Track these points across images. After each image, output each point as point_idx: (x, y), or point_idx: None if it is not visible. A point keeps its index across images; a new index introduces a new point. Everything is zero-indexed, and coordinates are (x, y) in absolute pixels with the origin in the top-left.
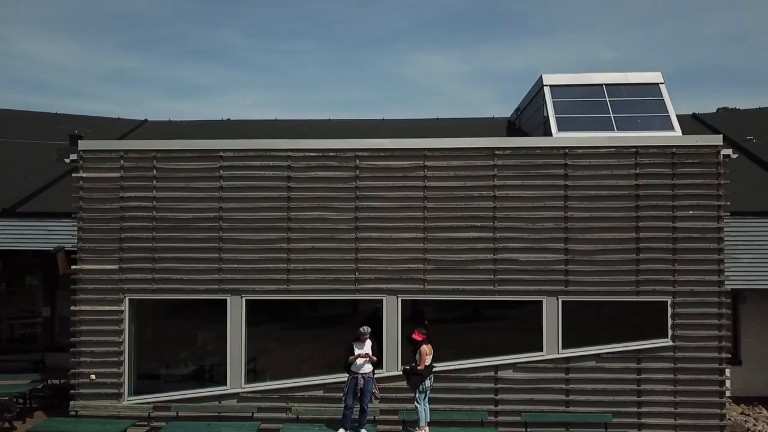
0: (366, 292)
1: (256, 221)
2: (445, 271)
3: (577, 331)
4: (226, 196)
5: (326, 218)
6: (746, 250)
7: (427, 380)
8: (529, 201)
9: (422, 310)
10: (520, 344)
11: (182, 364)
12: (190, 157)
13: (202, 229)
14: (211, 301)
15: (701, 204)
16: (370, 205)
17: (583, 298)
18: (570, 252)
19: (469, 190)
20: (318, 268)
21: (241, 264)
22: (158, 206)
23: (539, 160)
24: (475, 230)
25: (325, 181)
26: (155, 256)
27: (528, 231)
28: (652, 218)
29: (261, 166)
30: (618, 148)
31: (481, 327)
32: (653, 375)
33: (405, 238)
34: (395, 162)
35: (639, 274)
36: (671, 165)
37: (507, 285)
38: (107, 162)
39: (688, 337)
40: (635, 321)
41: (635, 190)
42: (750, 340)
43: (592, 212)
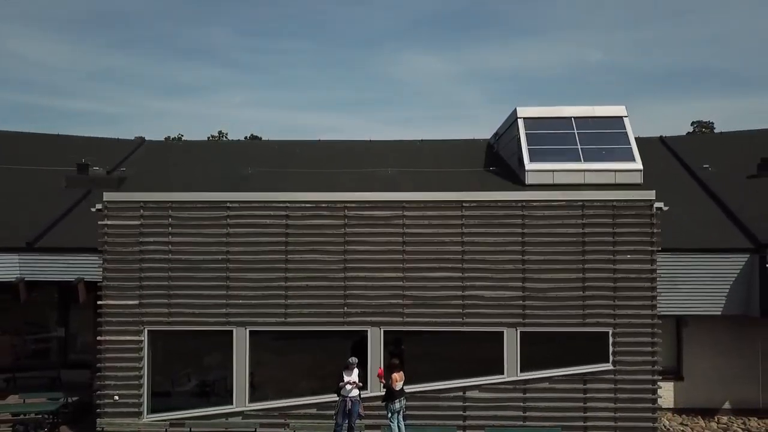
0: (353, 324)
1: (258, 263)
2: (421, 305)
3: (532, 357)
4: (232, 240)
5: (319, 260)
6: (686, 281)
7: (397, 402)
8: (492, 246)
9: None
10: (485, 368)
11: (194, 385)
12: (200, 207)
13: (211, 269)
14: (219, 332)
15: (637, 249)
16: (357, 248)
17: (537, 329)
18: (527, 289)
19: (441, 236)
20: (312, 303)
21: (246, 300)
22: (173, 249)
23: (500, 211)
24: (447, 270)
25: (318, 228)
26: (170, 293)
27: (491, 271)
28: (596, 261)
29: (262, 215)
30: (567, 202)
31: (452, 354)
32: (597, 394)
33: (387, 277)
34: (378, 212)
35: (585, 308)
36: (612, 216)
37: (473, 318)
38: (129, 211)
39: (626, 361)
40: (582, 348)
41: (582, 237)
42: (691, 359)
43: (545, 256)
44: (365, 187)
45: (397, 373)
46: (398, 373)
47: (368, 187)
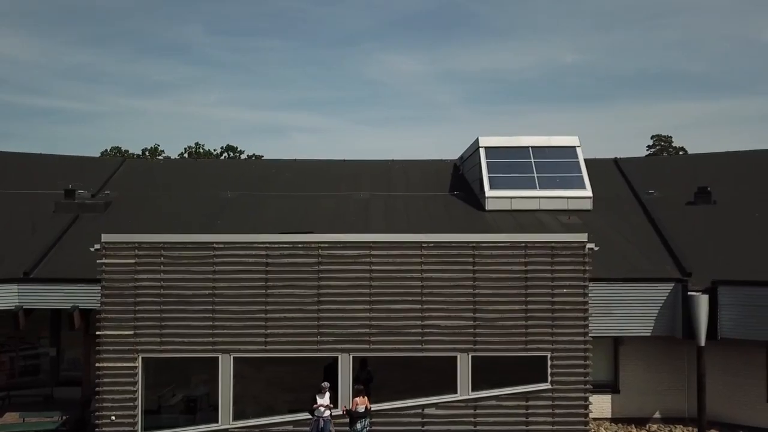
0: (325, 351)
1: (241, 296)
2: (385, 334)
3: (482, 378)
4: (218, 277)
5: (295, 294)
6: (620, 307)
7: (358, 423)
8: (447, 281)
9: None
10: (441, 388)
11: (183, 405)
12: (190, 247)
13: (199, 303)
14: (206, 358)
15: (572, 283)
16: (329, 283)
17: (486, 353)
18: (477, 319)
19: (403, 272)
20: (289, 333)
21: (230, 330)
22: (165, 285)
23: (454, 251)
24: (408, 303)
25: (294, 265)
26: (162, 323)
27: (446, 303)
28: (537, 294)
29: (245, 254)
30: (512, 243)
31: (412, 375)
32: (537, 410)
33: (355, 309)
34: (348, 251)
35: (527, 335)
36: (551, 255)
37: (431, 344)
38: (125, 251)
39: (562, 381)
40: (524, 370)
41: (525, 273)
42: (626, 374)
43: (493, 290)
44: (340, 211)
45: (359, 398)
46: (360, 398)
47: (343, 210)
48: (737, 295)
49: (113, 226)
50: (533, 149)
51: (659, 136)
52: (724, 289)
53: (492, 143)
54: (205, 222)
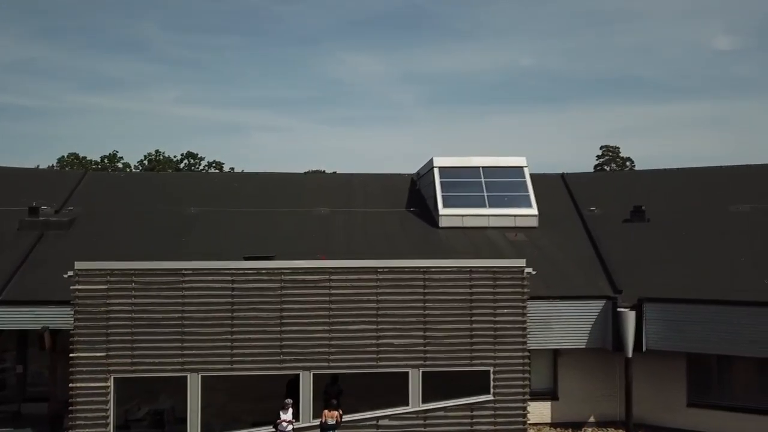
0: (288, 369)
1: (209, 319)
2: (343, 352)
3: (431, 391)
4: (186, 301)
5: (259, 316)
6: (559, 322)
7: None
8: (400, 303)
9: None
10: (394, 401)
11: (154, 420)
12: (159, 274)
13: (168, 326)
14: (176, 377)
15: (512, 304)
16: (291, 306)
17: (435, 369)
18: (427, 337)
19: (360, 295)
20: (253, 353)
21: (198, 350)
22: (135, 309)
23: (406, 275)
24: (364, 323)
25: (258, 290)
26: (134, 346)
27: (399, 323)
28: (481, 314)
29: (212, 280)
30: (458, 268)
31: (368, 390)
32: (481, 419)
33: (316, 330)
34: (309, 276)
35: (472, 351)
36: (493, 279)
37: (385, 361)
38: (97, 277)
39: (503, 392)
40: (469, 383)
41: (470, 295)
42: (564, 382)
43: (441, 310)
44: (301, 228)
45: (328, 410)
46: (329, 410)
47: (304, 228)
48: (660, 311)
49: (79, 245)
50: (484, 169)
51: (607, 146)
52: (649, 305)
53: (446, 163)
54: (170, 240)
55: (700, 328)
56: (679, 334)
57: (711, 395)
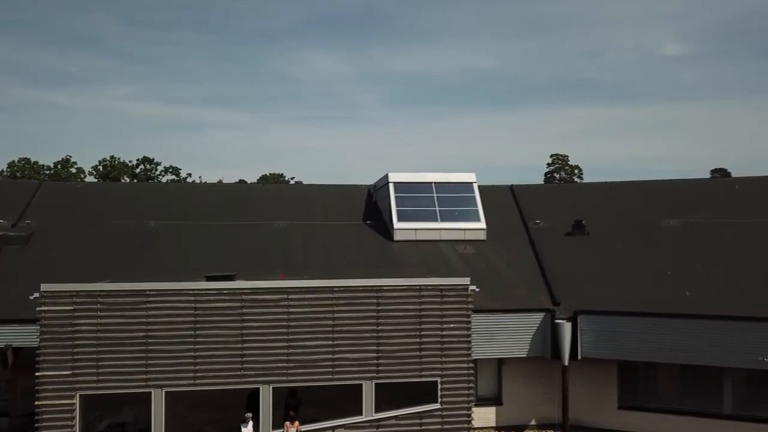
0: (248, 383)
1: (172, 337)
2: (301, 366)
3: (384, 401)
4: (150, 320)
5: (221, 333)
6: (502, 333)
7: None
8: (354, 318)
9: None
10: (349, 411)
11: None
12: (124, 295)
13: (133, 344)
14: (140, 393)
15: (458, 319)
16: (251, 324)
17: (387, 380)
18: (380, 351)
19: (317, 313)
20: (215, 368)
21: (162, 367)
22: (101, 329)
23: (361, 293)
24: (320, 339)
25: (220, 309)
26: (99, 364)
27: (353, 338)
28: (429, 329)
29: (175, 299)
30: (409, 287)
31: (325, 401)
32: (430, 427)
33: (275, 346)
34: (268, 296)
35: (421, 364)
36: (440, 296)
37: (340, 374)
38: (63, 299)
39: (450, 401)
40: (419, 393)
41: (419, 311)
42: (508, 388)
43: (393, 326)
44: (261, 243)
45: (288, 422)
46: (289, 422)
47: (264, 242)
48: (593, 322)
49: (39, 261)
50: (436, 184)
51: (557, 155)
52: (584, 317)
53: (400, 179)
54: (130, 255)
55: (629, 337)
56: (611, 343)
57: (639, 398)
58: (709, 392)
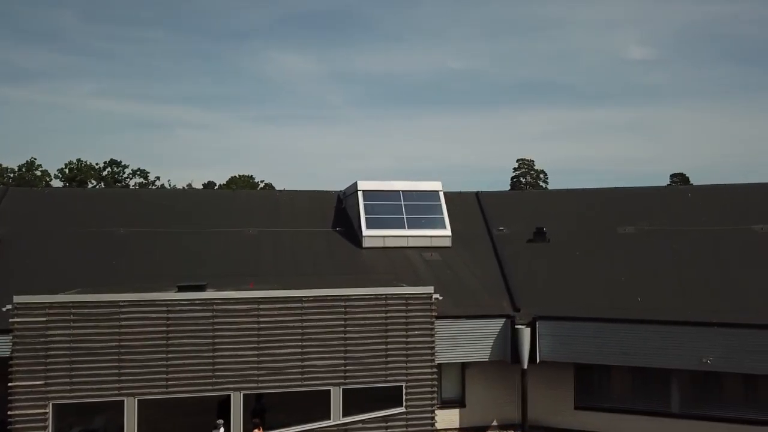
0: (220, 390)
1: (145, 347)
2: (271, 373)
3: (351, 406)
4: (123, 330)
5: (193, 342)
6: (465, 338)
7: None
8: (323, 327)
9: (258, 403)
10: (317, 416)
11: None
12: (97, 306)
13: (106, 354)
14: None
15: (422, 327)
16: (223, 333)
17: (355, 386)
18: (347, 358)
19: (287, 322)
20: (188, 376)
21: (135, 376)
22: (74, 339)
23: (329, 303)
24: (290, 347)
25: (192, 319)
26: (72, 374)
27: (322, 345)
28: (395, 336)
29: (148, 310)
30: (375, 296)
31: (294, 407)
32: (395, 429)
33: (245, 354)
34: (239, 306)
35: (387, 369)
36: (405, 304)
37: (309, 380)
38: (36, 310)
39: (414, 405)
40: (385, 398)
41: (385, 319)
42: (471, 391)
43: (360, 333)
44: (231, 250)
45: (256, 430)
46: (256, 430)
47: (234, 249)
48: (551, 327)
49: (8, 271)
50: (403, 193)
51: (523, 160)
52: (542, 323)
53: (369, 187)
54: (101, 263)
55: (584, 342)
56: (567, 347)
57: (594, 399)
58: (659, 392)
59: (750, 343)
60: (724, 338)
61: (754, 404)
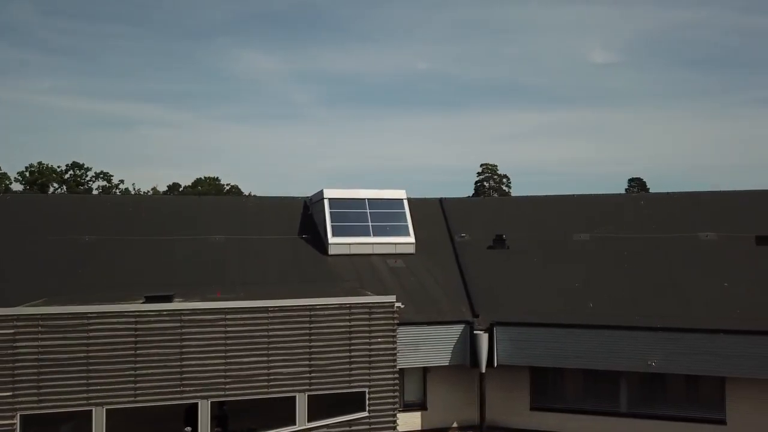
0: (187, 398)
1: (113, 357)
2: (238, 381)
3: (316, 411)
4: (91, 341)
5: (161, 352)
6: (426, 343)
7: None
8: (288, 336)
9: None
10: (283, 421)
11: None
12: (65, 318)
13: (74, 365)
14: (81, 411)
15: (384, 334)
16: (190, 343)
17: (320, 392)
18: (312, 366)
19: (254, 331)
20: (156, 384)
21: (103, 386)
22: (42, 350)
23: (295, 312)
24: (256, 356)
25: (160, 329)
26: (40, 385)
27: (287, 354)
28: (358, 343)
29: (116, 321)
30: (340, 305)
31: (260, 412)
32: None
33: (213, 363)
34: (207, 316)
35: (351, 376)
36: (369, 313)
37: (275, 387)
38: (3, 323)
39: (377, 409)
40: (348, 403)
41: (349, 327)
42: (432, 394)
43: (324, 341)
44: (198, 258)
45: None
46: None
47: (201, 257)
48: (508, 332)
49: None
50: (369, 201)
51: (487, 164)
52: (499, 328)
53: (335, 195)
54: (66, 272)
55: (539, 346)
56: (523, 351)
57: (548, 400)
58: (608, 393)
59: (691, 346)
60: (667, 342)
61: (695, 403)
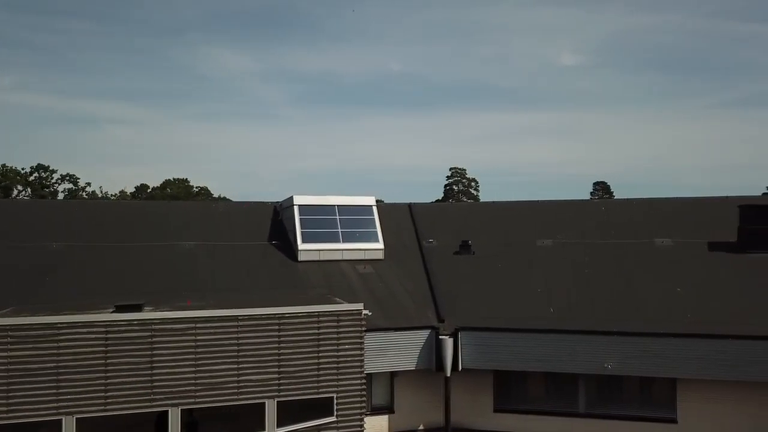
0: (158, 406)
1: (84, 366)
2: (208, 389)
3: (286, 416)
4: (62, 351)
5: (132, 361)
6: (394, 348)
7: None
8: (258, 344)
9: (191, 421)
10: (252, 427)
11: None
12: (35, 328)
13: (44, 374)
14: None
15: (352, 341)
16: (161, 351)
17: (288, 398)
18: (281, 372)
19: (222, 340)
20: (127, 393)
21: (73, 395)
22: (11, 361)
23: (265, 321)
24: (226, 363)
25: (131, 338)
26: (9, 395)
27: (258, 361)
28: (326, 350)
29: (86, 330)
30: (308, 313)
31: (231, 419)
32: None
33: (183, 371)
34: (177, 325)
35: (319, 382)
36: (337, 320)
37: (245, 394)
38: None
39: (345, 414)
40: (317, 408)
41: (318, 335)
42: (399, 398)
43: (293, 349)
44: (167, 265)
45: None
46: None
47: (171, 264)
48: (472, 337)
49: None
50: (339, 207)
51: (456, 168)
52: (463, 333)
53: (305, 201)
54: (35, 280)
55: (502, 350)
56: (487, 355)
57: (511, 402)
58: (567, 394)
59: (644, 349)
60: (622, 345)
61: (648, 403)
